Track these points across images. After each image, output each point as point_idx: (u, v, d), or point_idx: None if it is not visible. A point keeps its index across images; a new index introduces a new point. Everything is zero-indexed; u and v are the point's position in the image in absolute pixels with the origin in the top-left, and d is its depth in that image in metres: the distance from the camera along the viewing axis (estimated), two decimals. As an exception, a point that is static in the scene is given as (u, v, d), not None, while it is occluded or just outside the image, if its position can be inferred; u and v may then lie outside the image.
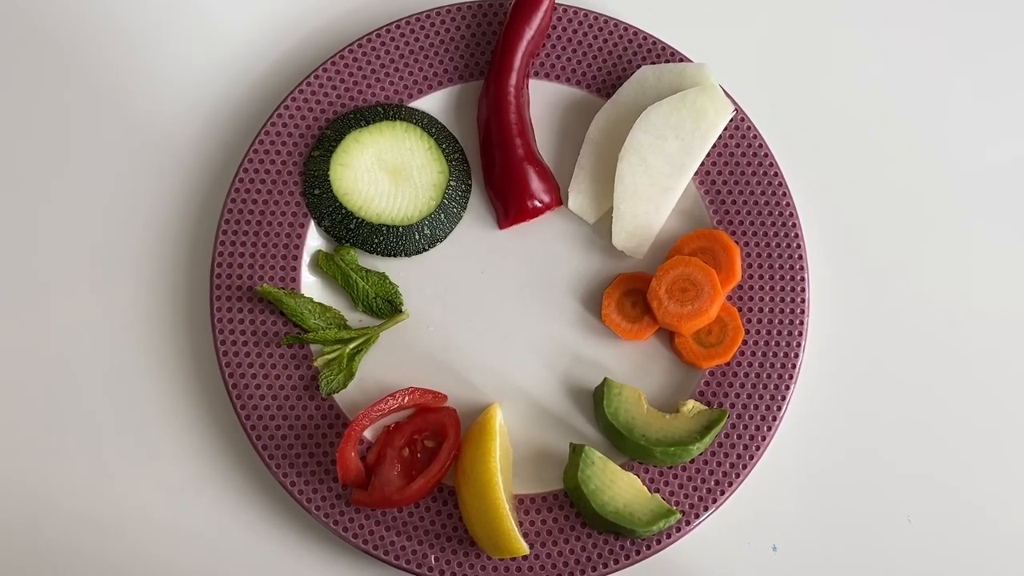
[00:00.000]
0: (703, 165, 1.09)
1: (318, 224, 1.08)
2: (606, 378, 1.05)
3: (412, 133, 1.09)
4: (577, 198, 1.10)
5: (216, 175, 1.12)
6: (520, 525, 1.02)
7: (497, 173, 1.09)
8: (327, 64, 1.10)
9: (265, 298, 1.05)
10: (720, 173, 1.09)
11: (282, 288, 1.06)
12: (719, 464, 1.04)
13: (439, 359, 1.07)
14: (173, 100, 1.14)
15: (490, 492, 0.98)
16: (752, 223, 1.08)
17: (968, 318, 1.11)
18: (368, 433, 1.05)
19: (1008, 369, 1.10)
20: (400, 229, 1.08)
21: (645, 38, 1.12)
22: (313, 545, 1.06)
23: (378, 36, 1.11)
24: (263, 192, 1.08)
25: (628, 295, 1.07)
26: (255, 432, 1.04)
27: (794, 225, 1.08)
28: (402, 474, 1.03)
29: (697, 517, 1.03)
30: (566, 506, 1.04)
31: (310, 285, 1.08)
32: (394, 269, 1.09)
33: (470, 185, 1.11)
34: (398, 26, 1.11)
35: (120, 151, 1.13)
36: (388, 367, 1.07)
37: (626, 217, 1.07)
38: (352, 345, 1.05)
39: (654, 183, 1.07)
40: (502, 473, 1.00)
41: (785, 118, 1.13)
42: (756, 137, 1.09)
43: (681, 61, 1.11)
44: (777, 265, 1.07)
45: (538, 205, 1.09)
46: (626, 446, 1.03)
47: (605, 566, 1.02)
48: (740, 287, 1.07)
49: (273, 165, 1.08)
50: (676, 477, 1.04)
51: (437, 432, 1.04)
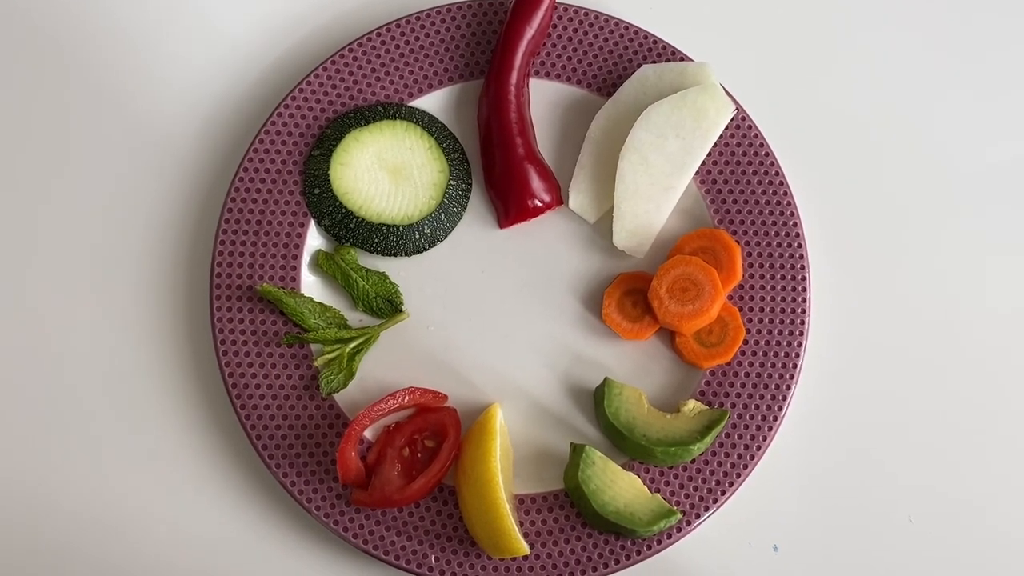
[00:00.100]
0: (704, 164, 1.09)
1: (318, 223, 1.08)
2: (607, 378, 1.05)
3: (412, 132, 1.09)
4: (578, 197, 1.10)
5: (216, 175, 1.12)
6: (520, 525, 1.02)
7: (497, 172, 1.09)
8: (327, 63, 1.10)
9: (265, 297, 1.05)
10: (721, 172, 1.09)
11: (282, 288, 1.06)
12: (720, 464, 1.04)
13: (439, 359, 1.07)
14: (173, 100, 1.14)
15: (490, 492, 0.98)
16: (753, 222, 1.08)
17: (969, 317, 1.11)
18: (368, 433, 1.05)
19: (1010, 368, 1.10)
20: (400, 228, 1.08)
21: (646, 37, 1.11)
22: (313, 545, 1.06)
23: (378, 35, 1.11)
24: (263, 191, 1.08)
25: (629, 295, 1.07)
26: (255, 432, 1.04)
27: (795, 224, 1.08)
28: (402, 474, 1.03)
29: (698, 517, 1.03)
30: (567, 506, 1.04)
31: (310, 285, 1.08)
32: (394, 268, 1.09)
33: (470, 184, 1.11)
34: (398, 25, 1.11)
35: (120, 151, 1.13)
36: (388, 367, 1.07)
37: (627, 216, 1.07)
38: (352, 345, 1.05)
39: (655, 182, 1.07)
40: (502, 473, 1.00)
41: (786, 118, 1.13)
42: (757, 136, 1.09)
43: (682, 60, 1.11)
44: (778, 265, 1.07)
45: (539, 204, 1.09)
46: (627, 446, 1.03)
47: (606, 566, 1.02)
48: (741, 287, 1.07)
49: (273, 164, 1.08)
50: (677, 477, 1.04)
51: (437, 432, 1.04)
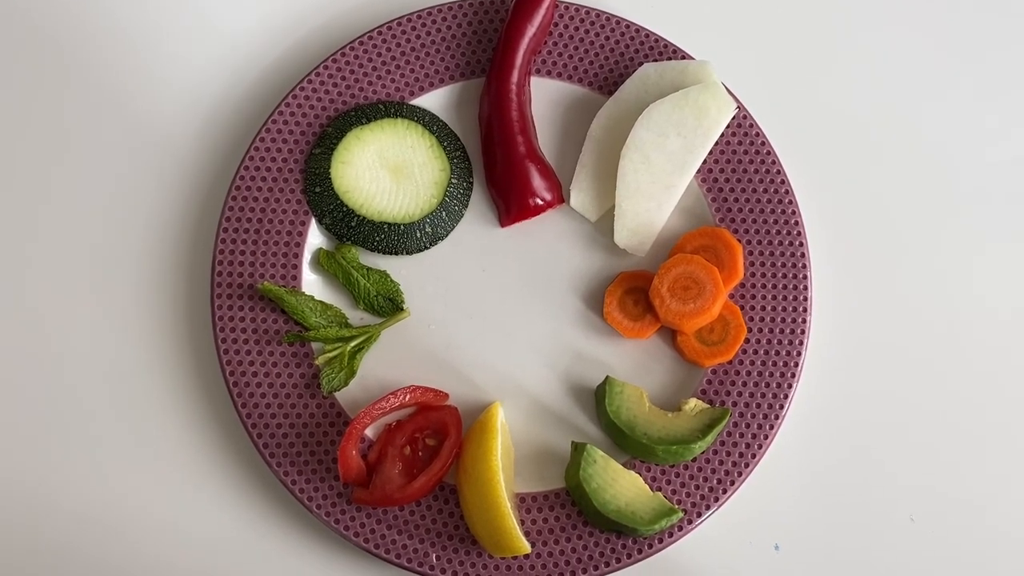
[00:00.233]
0: (705, 163, 1.09)
1: (319, 222, 1.08)
2: (608, 376, 1.05)
3: (413, 131, 1.09)
4: (579, 196, 1.10)
5: (216, 174, 1.12)
6: (521, 524, 1.02)
7: (499, 171, 1.09)
8: (328, 62, 1.10)
9: (266, 296, 1.05)
10: (722, 171, 1.09)
11: (283, 286, 1.06)
12: (721, 463, 1.04)
13: (440, 357, 1.07)
14: (173, 100, 1.14)
15: (491, 490, 0.98)
16: (754, 221, 1.08)
17: (970, 316, 1.11)
18: (369, 431, 1.05)
19: (1011, 368, 1.10)
20: (401, 227, 1.07)
21: (647, 35, 1.12)
22: (314, 544, 1.06)
23: (379, 34, 1.11)
24: (264, 190, 1.08)
25: (630, 293, 1.07)
26: (256, 431, 1.03)
27: (796, 223, 1.08)
28: (403, 472, 1.03)
29: (699, 516, 1.03)
30: (568, 505, 1.04)
31: (311, 283, 1.08)
32: (395, 267, 1.09)
33: (471, 183, 1.11)
34: (399, 23, 1.11)
35: (120, 151, 1.13)
36: (389, 365, 1.07)
37: (628, 215, 1.07)
38: (353, 343, 1.05)
39: (656, 181, 1.07)
40: (503, 472, 0.99)
41: (787, 116, 1.13)
42: (759, 135, 1.09)
43: (683, 59, 1.11)
44: (779, 263, 1.07)
45: (540, 203, 1.09)
46: (628, 444, 1.03)
47: (607, 565, 1.02)
48: (742, 285, 1.07)
49: (274, 163, 1.08)
50: (678, 476, 1.04)
51: (438, 430, 1.04)
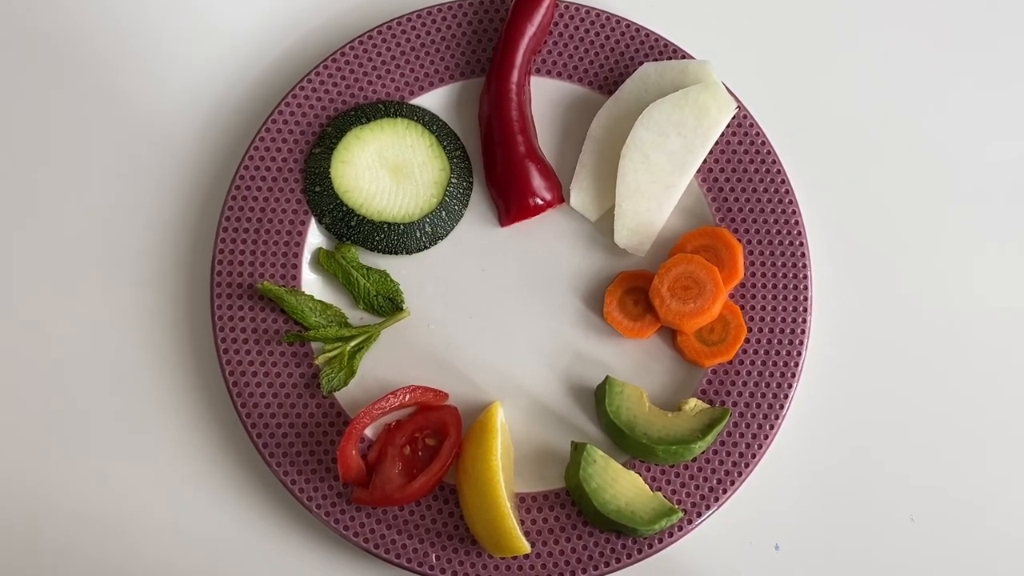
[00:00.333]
0: (705, 163, 1.09)
1: (319, 222, 1.08)
2: (608, 376, 1.05)
3: (413, 130, 1.09)
4: (579, 196, 1.09)
5: (216, 174, 1.12)
6: (521, 524, 1.02)
7: (498, 170, 1.09)
8: (328, 61, 1.10)
9: (266, 296, 1.05)
10: (723, 171, 1.09)
11: (283, 286, 1.06)
12: (721, 463, 1.04)
13: (440, 357, 1.07)
14: (173, 100, 1.14)
15: (491, 490, 0.98)
16: (755, 221, 1.08)
17: (971, 316, 1.11)
18: (369, 431, 1.05)
19: (1011, 367, 1.10)
20: (401, 227, 1.07)
21: (647, 35, 1.11)
22: (314, 544, 1.05)
23: (379, 33, 1.11)
24: (264, 190, 1.08)
25: (630, 293, 1.07)
26: (256, 430, 1.03)
27: (797, 223, 1.08)
28: (403, 472, 1.02)
29: (699, 516, 1.03)
30: (567, 505, 1.03)
31: (311, 283, 1.07)
32: (395, 267, 1.09)
33: (471, 183, 1.11)
34: (399, 23, 1.11)
35: (120, 151, 1.13)
36: (389, 365, 1.07)
37: (628, 215, 1.07)
38: (353, 343, 1.05)
39: (656, 180, 1.07)
40: (503, 471, 0.99)
41: (788, 116, 1.13)
42: (759, 135, 1.09)
43: (683, 58, 1.11)
44: (780, 263, 1.07)
45: (539, 203, 1.08)
46: (628, 444, 1.03)
47: (607, 565, 1.02)
48: (742, 285, 1.07)
49: (274, 163, 1.08)
50: (678, 476, 1.04)
51: (438, 430, 1.04)
